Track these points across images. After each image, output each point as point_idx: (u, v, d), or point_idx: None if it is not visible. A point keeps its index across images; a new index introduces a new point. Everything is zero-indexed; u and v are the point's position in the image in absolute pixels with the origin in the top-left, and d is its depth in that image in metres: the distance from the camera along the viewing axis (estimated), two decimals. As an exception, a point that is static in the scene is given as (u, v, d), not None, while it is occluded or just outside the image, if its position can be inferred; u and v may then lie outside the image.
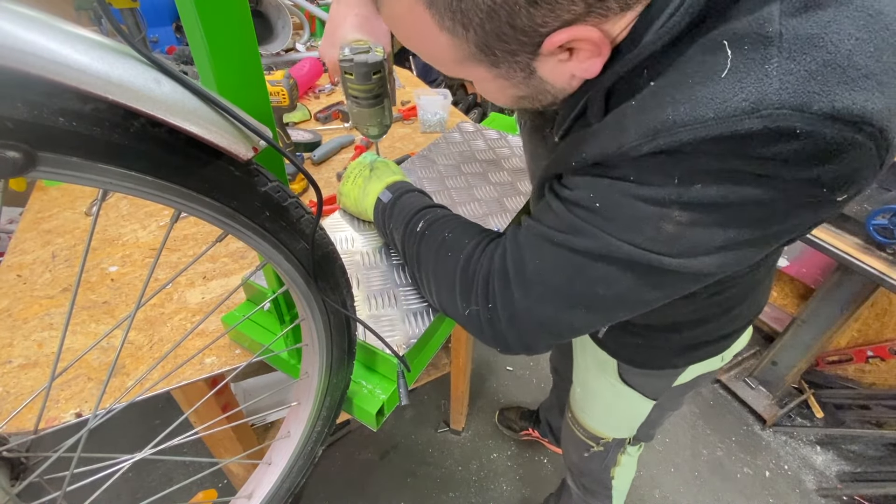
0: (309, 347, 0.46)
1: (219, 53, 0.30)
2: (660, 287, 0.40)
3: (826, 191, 0.31)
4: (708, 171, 0.32)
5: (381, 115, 0.61)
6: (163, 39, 1.48)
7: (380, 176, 0.67)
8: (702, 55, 0.31)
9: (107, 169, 0.22)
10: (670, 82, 0.33)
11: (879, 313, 1.51)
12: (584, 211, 0.39)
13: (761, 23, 0.29)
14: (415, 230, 0.57)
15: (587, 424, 0.83)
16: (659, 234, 0.36)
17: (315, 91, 1.41)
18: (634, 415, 0.77)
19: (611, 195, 0.37)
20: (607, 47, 0.34)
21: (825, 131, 0.28)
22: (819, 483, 1.44)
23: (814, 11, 0.28)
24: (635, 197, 0.35)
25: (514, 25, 0.32)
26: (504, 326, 0.46)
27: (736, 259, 0.37)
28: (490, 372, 1.72)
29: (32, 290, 0.70)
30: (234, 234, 0.30)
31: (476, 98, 3.16)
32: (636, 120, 0.34)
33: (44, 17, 0.18)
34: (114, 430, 1.34)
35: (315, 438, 0.55)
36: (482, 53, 0.36)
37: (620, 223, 0.37)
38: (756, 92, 0.29)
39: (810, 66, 0.28)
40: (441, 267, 0.52)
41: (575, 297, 0.42)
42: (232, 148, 0.25)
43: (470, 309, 0.49)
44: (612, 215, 0.37)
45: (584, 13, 0.31)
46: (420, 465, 1.42)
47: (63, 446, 0.35)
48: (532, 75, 0.38)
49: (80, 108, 0.20)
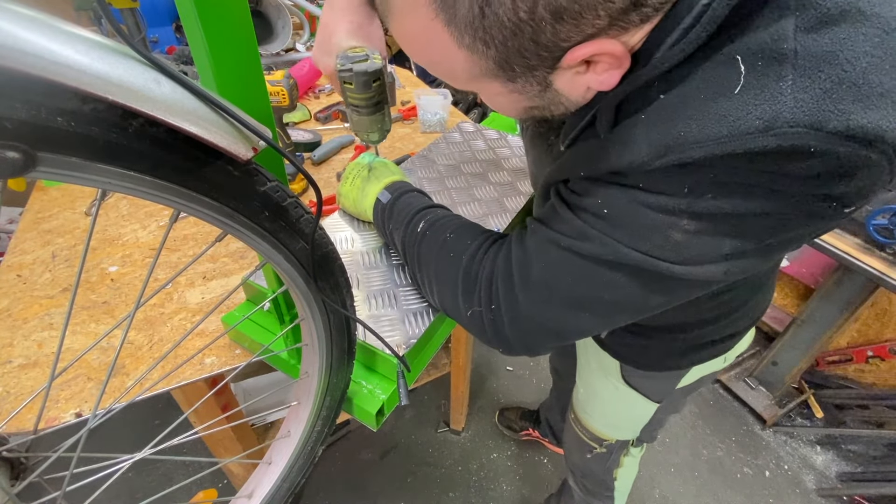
0: (309, 347, 0.46)
1: (219, 53, 0.30)
2: (665, 293, 0.40)
3: (837, 205, 0.32)
4: (719, 184, 0.32)
5: (381, 122, 0.61)
6: (163, 39, 1.48)
7: (378, 176, 0.67)
8: (714, 70, 0.31)
9: (106, 169, 0.22)
10: (682, 96, 0.32)
11: (879, 313, 1.51)
12: (591, 216, 0.39)
13: (776, 39, 0.29)
14: (415, 231, 0.56)
15: (590, 426, 0.83)
16: (666, 242, 0.36)
17: (315, 91, 1.41)
18: (638, 416, 0.76)
19: (619, 202, 0.37)
20: (627, 60, 0.33)
21: (839, 150, 0.28)
22: (819, 483, 1.44)
23: (829, 28, 0.28)
24: (644, 205, 0.35)
25: (538, 41, 0.31)
26: (507, 328, 0.46)
27: (742, 267, 0.37)
28: (490, 372, 1.72)
29: (32, 290, 0.70)
30: (233, 234, 0.30)
31: (476, 98, 3.16)
32: (647, 135, 0.34)
33: (43, 17, 0.18)
34: (114, 431, 1.34)
35: (315, 438, 0.55)
36: (500, 69, 0.35)
37: (628, 230, 0.37)
38: (770, 110, 0.28)
39: (825, 85, 0.28)
40: (443, 268, 0.52)
41: (580, 300, 0.42)
42: (231, 148, 0.25)
43: (472, 310, 0.49)
44: (620, 222, 0.37)
45: (607, 27, 0.31)
46: (420, 465, 1.42)
47: (63, 446, 0.35)
48: (548, 88, 0.37)
49: (80, 108, 0.20)
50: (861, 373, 1.61)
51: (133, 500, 1.24)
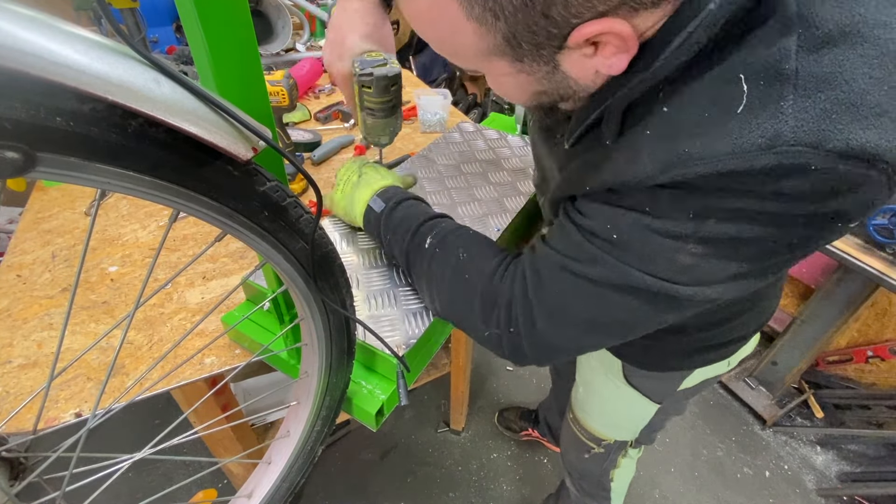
0: (308, 347, 0.46)
1: (219, 53, 0.30)
2: (676, 310, 0.41)
3: (839, 221, 0.33)
4: (723, 208, 0.33)
5: (393, 125, 0.61)
6: (163, 39, 1.48)
7: (368, 182, 0.64)
8: (718, 87, 0.32)
9: (105, 169, 0.22)
10: (686, 112, 0.33)
11: (879, 313, 1.51)
12: (600, 241, 0.40)
13: (778, 59, 0.29)
14: (422, 247, 0.55)
15: (589, 425, 0.83)
16: (675, 265, 0.37)
17: (315, 91, 1.41)
18: (638, 417, 0.76)
19: (627, 227, 0.38)
20: (635, 43, 0.33)
21: (839, 168, 0.29)
22: (819, 483, 1.44)
23: (829, 49, 0.29)
24: (651, 230, 0.36)
25: (548, 15, 0.31)
26: (526, 348, 0.48)
27: (748, 284, 0.38)
28: (490, 372, 1.72)
29: (32, 290, 0.70)
30: (232, 234, 0.30)
31: (476, 98, 3.16)
32: (651, 149, 0.34)
33: (43, 17, 0.18)
34: (114, 432, 1.34)
35: (315, 438, 0.55)
36: (508, 45, 0.35)
37: (636, 254, 0.38)
38: (771, 129, 0.29)
39: (825, 105, 0.28)
40: (458, 290, 0.52)
41: (595, 322, 0.44)
42: (231, 148, 0.25)
43: (490, 331, 0.50)
44: (629, 247, 0.38)
45: (618, 5, 0.30)
46: (420, 465, 1.42)
47: (62, 446, 0.35)
48: (555, 70, 0.37)
49: (79, 108, 0.20)
50: (861, 373, 1.61)
51: (133, 500, 1.24)
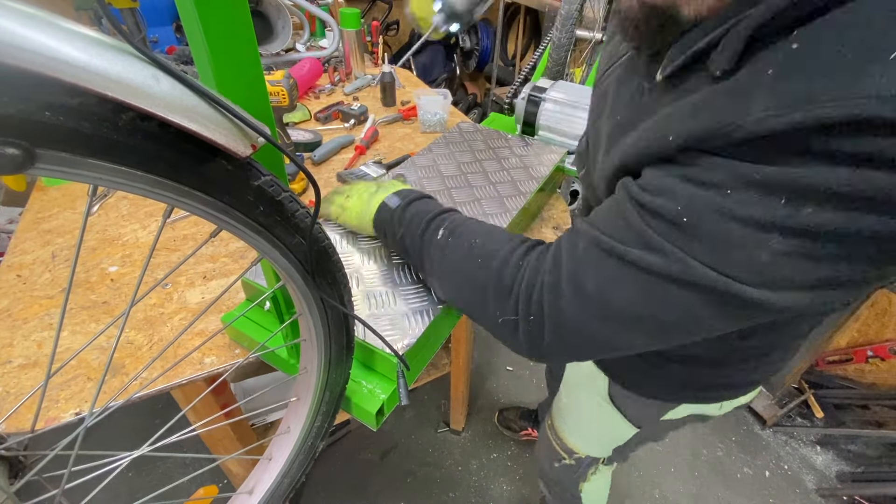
0: (307, 343, 0.46)
1: (219, 53, 0.30)
2: (732, 318, 0.35)
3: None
4: (828, 191, 0.27)
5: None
6: (163, 39, 1.48)
7: (387, 187, 0.64)
8: (868, 20, 0.25)
9: (103, 165, 0.22)
10: (822, 48, 0.26)
11: (879, 313, 1.50)
12: (664, 224, 0.34)
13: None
14: (434, 237, 0.54)
15: (563, 435, 0.81)
16: (750, 262, 0.31)
17: (315, 91, 1.41)
18: (614, 437, 0.74)
19: (700, 209, 0.32)
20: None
21: None
22: (819, 483, 1.44)
23: None
24: (730, 216, 0.30)
25: None
26: (548, 340, 0.43)
27: (825, 299, 0.32)
28: (490, 372, 1.72)
29: (32, 290, 0.70)
30: (228, 230, 0.30)
31: (476, 98, 3.17)
32: (770, 87, 0.28)
33: (42, 15, 0.18)
34: (114, 432, 1.34)
35: (315, 434, 0.55)
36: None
37: (708, 244, 0.32)
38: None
39: None
40: (470, 275, 0.49)
41: (636, 318, 0.37)
42: (230, 145, 0.25)
43: (504, 318, 0.45)
44: (699, 233, 0.32)
45: None
46: (420, 465, 1.42)
47: (60, 444, 0.35)
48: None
49: (78, 105, 0.20)
50: (861, 373, 1.61)
51: (133, 499, 1.24)
